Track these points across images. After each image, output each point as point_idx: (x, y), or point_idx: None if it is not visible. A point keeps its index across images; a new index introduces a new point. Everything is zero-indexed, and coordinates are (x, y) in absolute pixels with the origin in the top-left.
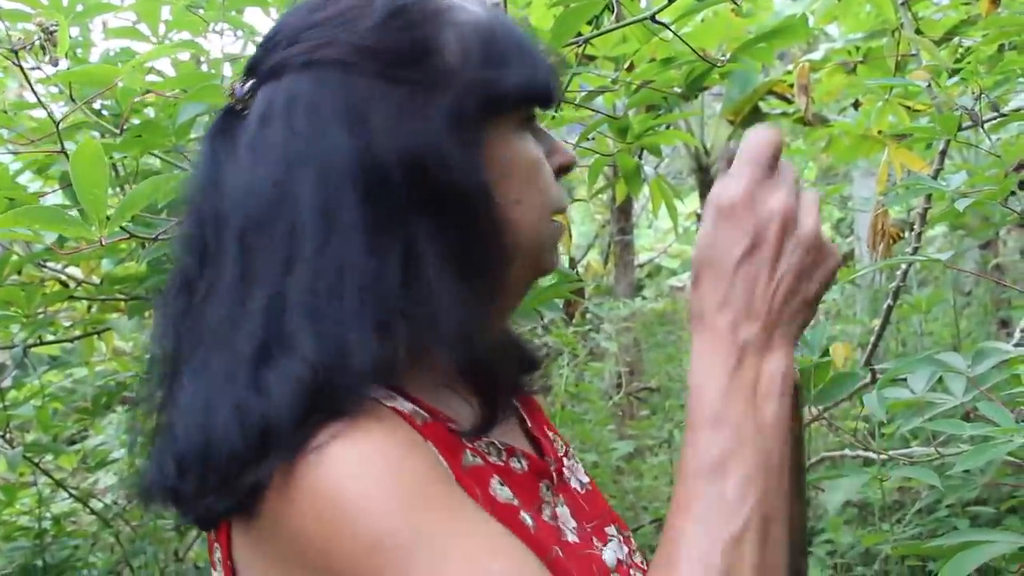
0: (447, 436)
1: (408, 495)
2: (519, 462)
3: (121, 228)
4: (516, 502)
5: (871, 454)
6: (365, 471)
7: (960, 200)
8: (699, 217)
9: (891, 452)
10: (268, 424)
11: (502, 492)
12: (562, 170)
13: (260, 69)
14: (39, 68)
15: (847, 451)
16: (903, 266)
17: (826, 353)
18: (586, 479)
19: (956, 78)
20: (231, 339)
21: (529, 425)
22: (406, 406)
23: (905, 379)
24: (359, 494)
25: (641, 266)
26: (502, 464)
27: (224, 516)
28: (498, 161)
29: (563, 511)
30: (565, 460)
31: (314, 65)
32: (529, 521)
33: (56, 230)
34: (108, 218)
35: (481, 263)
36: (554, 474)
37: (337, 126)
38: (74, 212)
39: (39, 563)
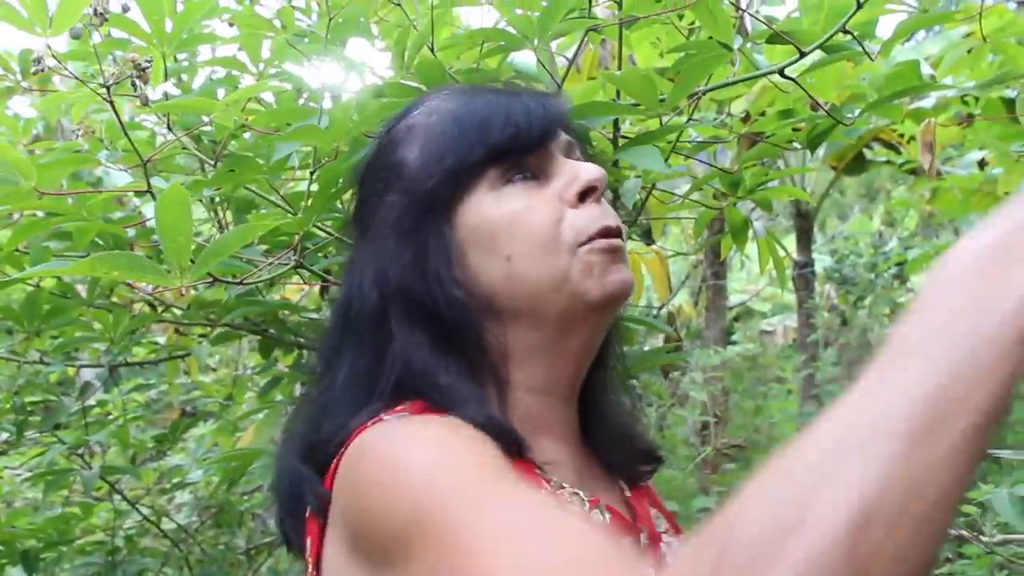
0: (527, 477)
1: (465, 458)
2: (601, 515)
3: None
4: None
5: (980, 536)
6: (414, 432)
7: None
8: (796, 264)
9: (1001, 536)
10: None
11: None
12: (586, 194)
13: None
14: (138, 97)
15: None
16: None
17: None
18: None
19: None
20: None
21: (628, 495)
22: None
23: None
24: (404, 446)
25: (731, 308)
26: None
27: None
28: (475, 232)
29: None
30: (664, 536)
31: (351, 219)
32: None
33: (133, 277)
34: (192, 261)
35: (461, 339)
36: (644, 538)
37: (345, 274)
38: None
39: None
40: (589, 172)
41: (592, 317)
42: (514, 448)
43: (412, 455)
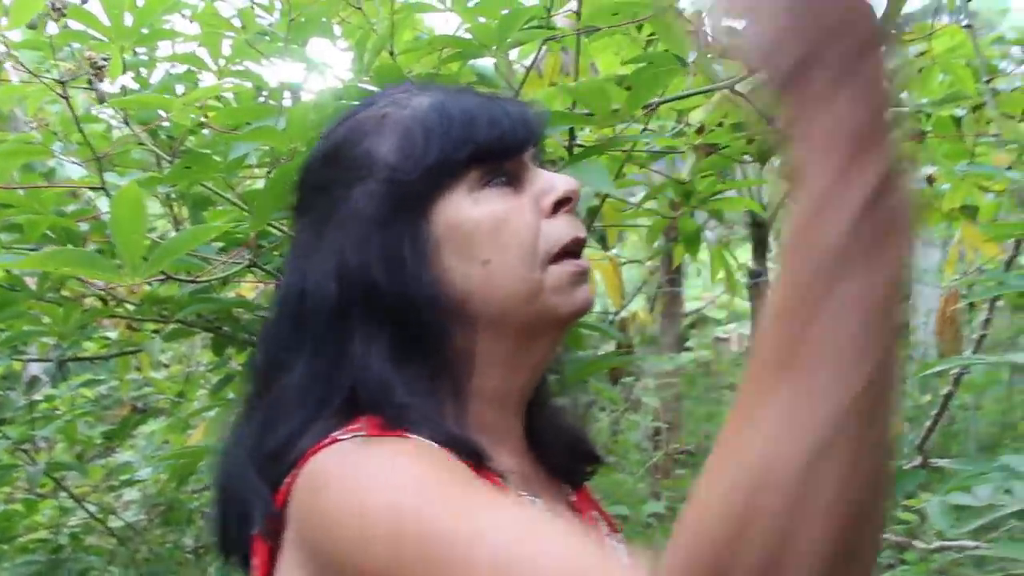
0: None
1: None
2: None
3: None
4: None
5: (916, 542)
6: (380, 460)
7: None
8: (751, 273)
9: (938, 543)
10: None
11: None
12: (560, 205)
13: None
14: (95, 94)
15: (888, 535)
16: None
17: None
18: (626, 561)
19: None
20: None
21: (572, 500)
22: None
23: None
24: (371, 478)
25: (687, 315)
26: None
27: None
28: (453, 231)
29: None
30: (607, 540)
31: (296, 208)
32: None
33: (85, 274)
34: (146, 259)
35: (426, 342)
36: None
37: (292, 266)
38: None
39: None
40: (566, 183)
41: (555, 331)
42: (476, 460)
43: (384, 485)
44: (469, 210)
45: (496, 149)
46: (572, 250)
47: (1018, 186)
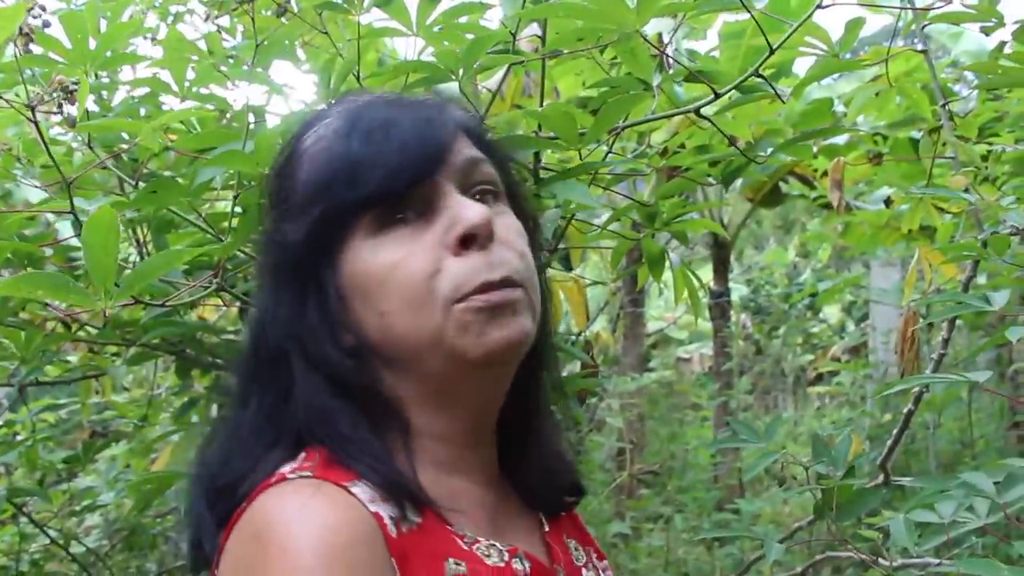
0: (432, 543)
1: None
2: (521, 563)
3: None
4: None
5: (880, 559)
6: (301, 523)
7: (1012, 329)
8: (713, 293)
9: (901, 560)
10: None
11: None
12: (466, 241)
13: None
14: (59, 113)
15: (852, 554)
16: (925, 372)
17: (850, 472)
18: None
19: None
20: None
21: (546, 530)
22: (391, 511)
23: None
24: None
25: (649, 335)
26: (502, 565)
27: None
28: (353, 282)
29: None
30: (584, 571)
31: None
32: None
33: (57, 298)
34: (117, 285)
35: (357, 385)
36: None
37: (258, 298)
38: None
39: None
40: (469, 218)
41: (477, 374)
42: (420, 504)
43: None
44: (365, 259)
45: (384, 193)
46: (483, 291)
47: (974, 208)
